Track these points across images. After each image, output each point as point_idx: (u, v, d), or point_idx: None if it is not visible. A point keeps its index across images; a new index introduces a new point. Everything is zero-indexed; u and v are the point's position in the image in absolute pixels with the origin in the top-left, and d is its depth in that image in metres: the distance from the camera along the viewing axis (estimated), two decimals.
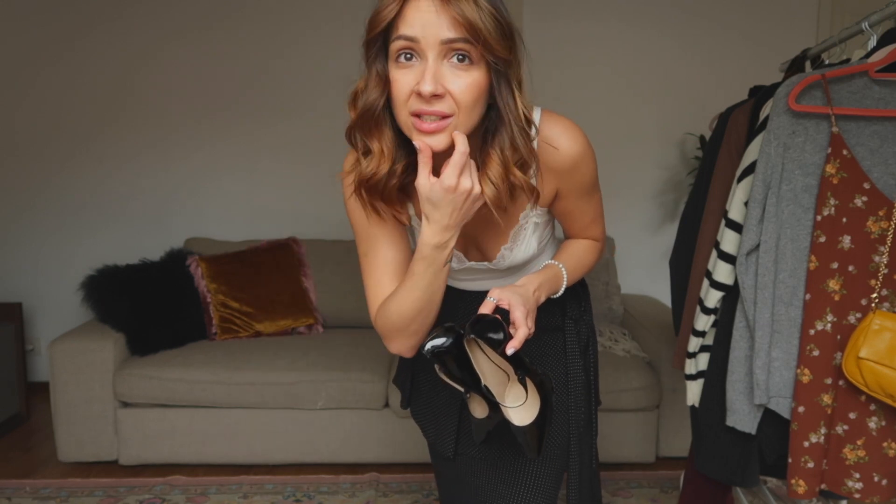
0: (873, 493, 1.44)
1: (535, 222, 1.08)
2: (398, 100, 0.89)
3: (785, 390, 1.47)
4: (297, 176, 3.24)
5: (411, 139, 0.91)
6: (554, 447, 1.16)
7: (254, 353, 2.57)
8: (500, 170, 0.93)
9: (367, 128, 0.95)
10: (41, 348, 3.33)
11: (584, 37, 3.17)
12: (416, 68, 0.87)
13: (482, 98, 0.90)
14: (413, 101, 0.88)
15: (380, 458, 2.51)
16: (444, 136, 0.88)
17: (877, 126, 1.40)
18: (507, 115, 0.92)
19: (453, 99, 0.87)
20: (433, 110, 0.87)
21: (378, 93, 0.92)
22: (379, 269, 1.05)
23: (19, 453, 2.67)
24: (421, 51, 0.86)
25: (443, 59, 0.86)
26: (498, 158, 0.93)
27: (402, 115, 0.90)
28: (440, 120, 0.88)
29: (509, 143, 0.93)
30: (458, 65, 0.87)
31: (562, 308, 1.20)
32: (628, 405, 2.46)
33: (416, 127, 0.88)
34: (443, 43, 0.85)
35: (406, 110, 0.89)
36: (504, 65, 0.90)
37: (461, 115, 0.88)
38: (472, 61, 0.87)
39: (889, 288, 1.40)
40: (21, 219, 3.26)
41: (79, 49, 3.16)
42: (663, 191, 3.30)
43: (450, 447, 1.21)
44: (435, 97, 0.86)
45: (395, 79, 0.89)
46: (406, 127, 0.91)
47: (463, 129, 0.89)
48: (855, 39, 1.63)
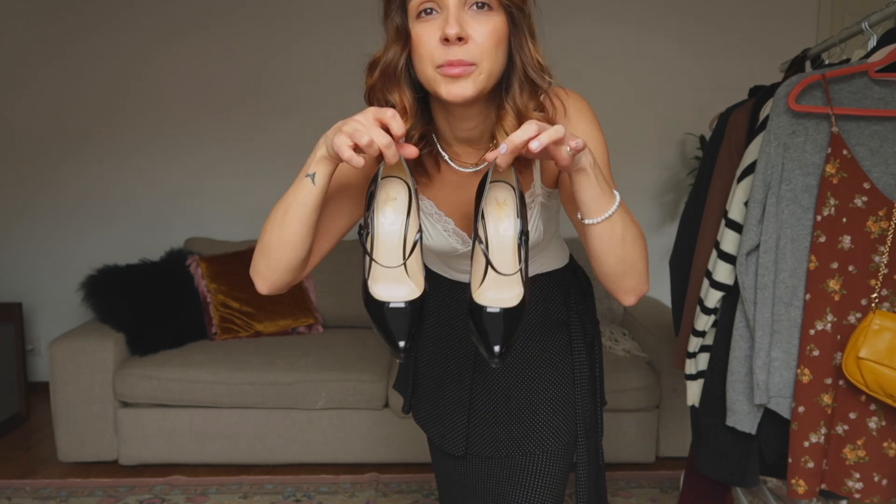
0: (873, 493, 1.44)
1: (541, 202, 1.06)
2: (422, 54, 0.89)
3: (785, 390, 1.47)
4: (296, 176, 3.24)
5: (436, 94, 0.91)
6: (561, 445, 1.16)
7: (254, 353, 2.57)
8: (515, 121, 0.93)
9: (388, 85, 0.94)
10: (41, 348, 3.33)
11: (583, 37, 3.17)
12: (437, 20, 0.88)
13: (503, 44, 0.91)
14: (438, 51, 0.88)
15: (380, 458, 2.51)
16: (470, 82, 0.88)
17: (877, 126, 1.40)
18: (519, 60, 0.93)
19: (476, 45, 0.88)
20: (458, 59, 0.87)
21: (398, 50, 0.92)
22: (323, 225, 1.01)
23: (19, 453, 2.68)
24: (442, 3, 0.87)
25: (464, 8, 0.88)
26: (512, 108, 0.93)
27: (427, 70, 0.90)
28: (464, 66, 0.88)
29: (522, 89, 0.93)
30: (478, 11, 0.88)
31: (567, 303, 1.19)
32: (628, 405, 2.46)
33: (443, 74, 0.88)
34: None
35: (431, 64, 0.89)
36: (518, 10, 0.91)
37: (485, 61, 0.89)
38: (492, 7, 0.89)
39: (889, 288, 1.40)
40: (21, 219, 3.26)
41: (78, 48, 3.16)
42: (663, 191, 3.30)
43: (460, 445, 1.20)
44: (459, 41, 0.86)
45: (418, 34, 0.89)
46: (431, 81, 0.90)
47: (486, 77, 0.89)
48: (855, 39, 1.63)
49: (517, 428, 1.16)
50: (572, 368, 1.18)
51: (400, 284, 0.89)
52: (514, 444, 1.16)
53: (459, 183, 1.03)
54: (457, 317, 1.18)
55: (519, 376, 1.17)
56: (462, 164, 1.02)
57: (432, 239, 1.09)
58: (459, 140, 1.00)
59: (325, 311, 2.94)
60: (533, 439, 1.15)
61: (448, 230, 1.08)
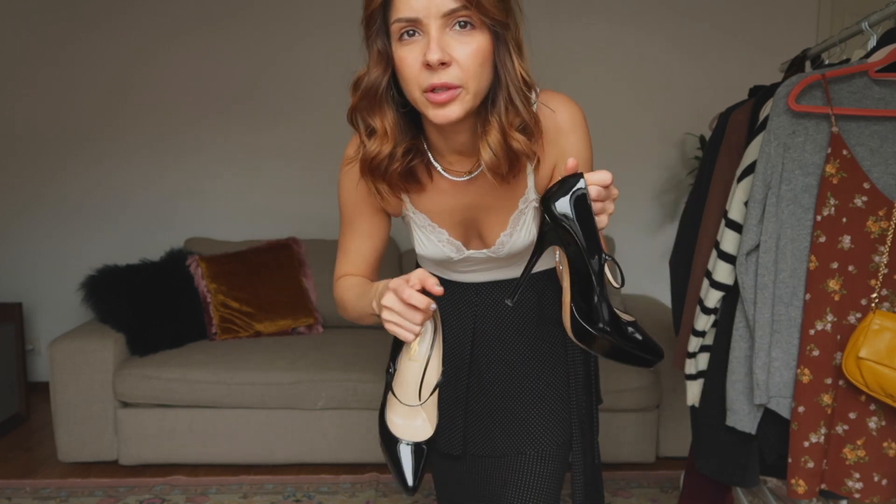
0: (873, 493, 1.44)
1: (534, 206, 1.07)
2: (408, 77, 0.89)
3: (785, 390, 1.47)
4: (297, 176, 3.24)
5: (426, 116, 0.91)
6: (556, 444, 1.16)
7: (254, 353, 2.57)
8: (499, 136, 0.93)
9: (369, 108, 0.95)
10: (41, 348, 3.33)
11: (583, 37, 3.17)
12: (420, 42, 0.87)
13: (488, 62, 0.90)
14: (423, 76, 0.88)
15: (380, 458, 2.51)
16: (457, 105, 0.89)
17: (877, 126, 1.40)
18: (504, 77, 0.92)
19: (459, 67, 0.87)
20: (442, 81, 0.87)
21: (380, 72, 0.92)
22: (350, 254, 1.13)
23: (19, 453, 2.68)
24: (424, 26, 0.87)
25: (445, 29, 0.87)
26: (497, 124, 0.93)
27: (414, 93, 0.90)
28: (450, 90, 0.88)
29: (507, 106, 0.93)
30: (460, 31, 0.87)
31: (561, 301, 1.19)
32: (628, 405, 2.46)
33: (429, 101, 0.89)
34: (444, 16, 0.86)
35: (417, 88, 0.89)
36: (502, 27, 0.90)
37: (470, 82, 0.89)
38: (475, 26, 0.88)
39: (889, 288, 1.40)
40: (21, 219, 3.26)
41: (79, 48, 3.16)
42: (663, 191, 3.30)
43: (457, 445, 1.20)
44: (442, 65, 0.86)
45: (401, 57, 0.89)
46: (419, 104, 0.91)
47: (473, 97, 0.90)
48: (855, 39, 1.63)
49: (512, 427, 1.16)
50: (567, 367, 1.18)
51: (415, 421, 0.98)
52: (509, 443, 1.16)
53: (452, 191, 1.04)
54: (452, 316, 1.18)
55: (514, 375, 1.17)
56: (454, 174, 1.02)
57: (427, 249, 1.11)
58: (451, 150, 1.01)
59: (325, 311, 2.94)
60: (528, 439, 1.15)
61: (442, 240, 1.09)
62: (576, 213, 0.83)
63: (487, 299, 1.16)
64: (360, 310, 1.03)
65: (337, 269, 1.15)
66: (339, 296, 1.12)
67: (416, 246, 1.13)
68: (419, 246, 1.12)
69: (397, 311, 0.88)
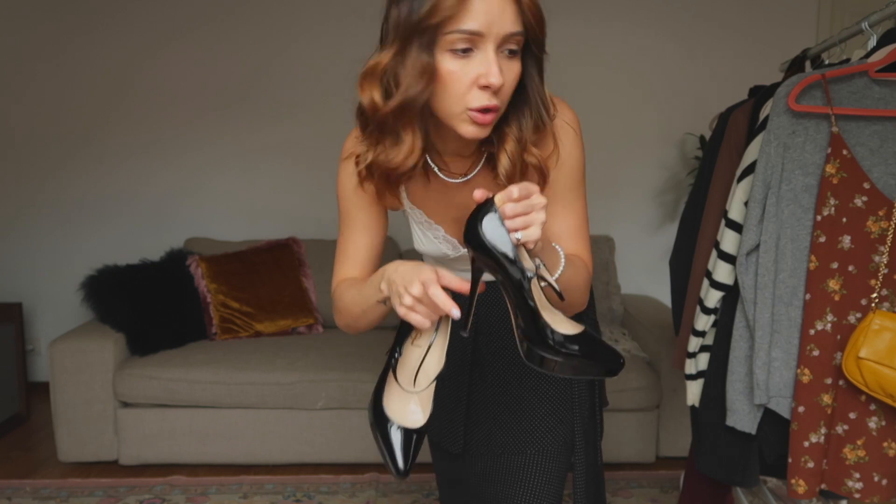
0: (873, 493, 1.44)
1: None
2: (453, 93, 0.87)
3: (785, 390, 1.47)
4: (297, 176, 3.24)
5: (453, 128, 0.90)
6: (557, 444, 1.16)
7: (254, 353, 2.57)
8: (516, 146, 0.94)
9: (403, 121, 0.92)
10: (41, 348, 3.33)
11: (583, 37, 3.17)
12: (473, 60, 0.86)
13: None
14: (473, 94, 0.86)
15: (380, 457, 2.51)
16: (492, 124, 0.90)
17: (877, 126, 1.40)
18: (534, 95, 0.93)
19: (503, 91, 0.88)
20: (494, 104, 0.87)
21: (422, 86, 0.87)
22: (349, 251, 1.10)
23: (19, 453, 2.68)
24: (482, 43, 0.85)
25: (497, 51, 0.86)
26: (515, 135, 0.94)
27: (455, 108, 0.88)
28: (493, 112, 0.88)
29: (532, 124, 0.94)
30: (508, 56, 0.87)
31: None
32: (628, 405, 2.46)
33: (472, 119, 0.88)
34: (505, 37, 0.85)
35: (461, 104, 0.87)
36: (539, 49, 0.91)
37: (504, 105, 0.90)
38: (516, 53, 0.88)
39: (889, 288, 1.40)
40: (21, 219, 3.26)
41: (78, 48, 3.16)
42: (663, 191, 3.30)
43: (459, 443, 1.20)
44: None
45: (450, 71, 0.86)
46: (454, 118, 0.89)
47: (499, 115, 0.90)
48: (855, 39, 1.63)
49: (514, 426, 1.16)
50: None
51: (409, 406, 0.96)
52: (510, 442, 1.16)
53: (448, 192, 1.04)
54: None
55: (516, 374, 1.17)
56: (451, 175, 1.02)
57: (424, 245, 1.11)
58: (451, 152, 1.02)
59: (325, 311, 2.94)
60: (529, 438, 1.15)
61: (438, 237, 1.09)
62: (490, 239, 0.82)
63: (488, 298, 1.16)
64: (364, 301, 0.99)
65: (335, 273, 1.12)
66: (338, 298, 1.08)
67: (414, 242, 1.14)
68: (417, 242, 1.13)
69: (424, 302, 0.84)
